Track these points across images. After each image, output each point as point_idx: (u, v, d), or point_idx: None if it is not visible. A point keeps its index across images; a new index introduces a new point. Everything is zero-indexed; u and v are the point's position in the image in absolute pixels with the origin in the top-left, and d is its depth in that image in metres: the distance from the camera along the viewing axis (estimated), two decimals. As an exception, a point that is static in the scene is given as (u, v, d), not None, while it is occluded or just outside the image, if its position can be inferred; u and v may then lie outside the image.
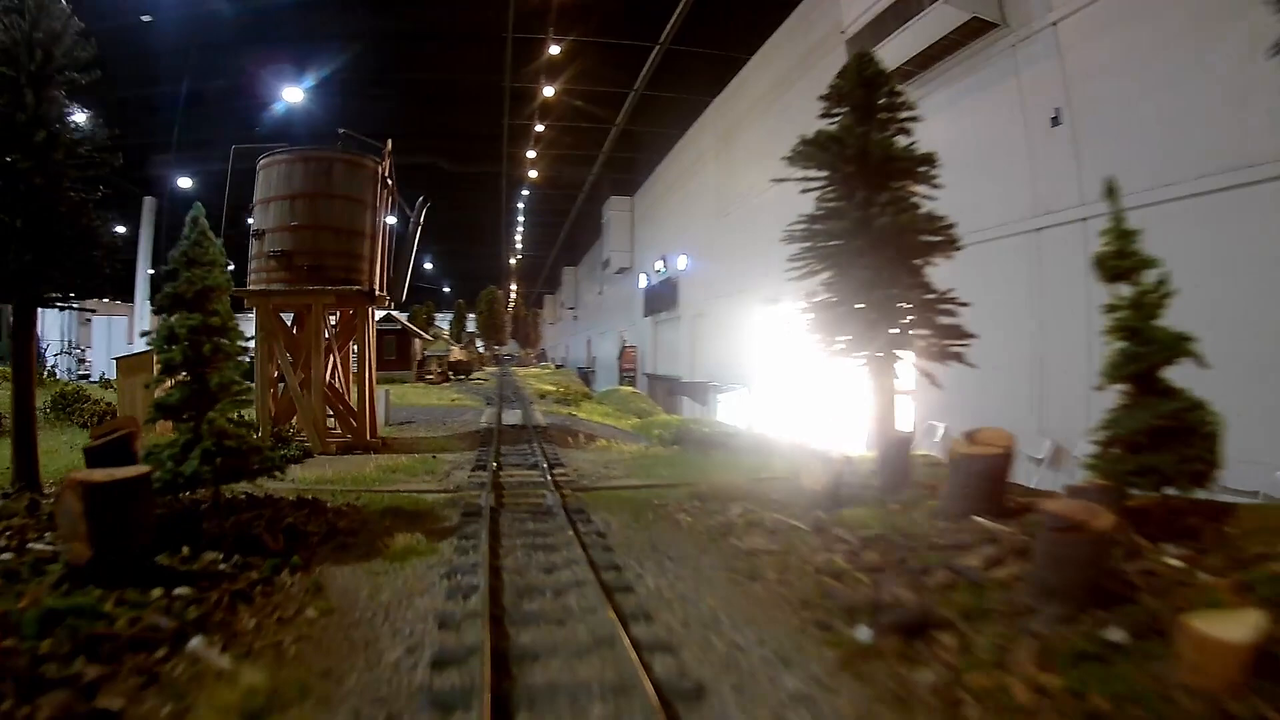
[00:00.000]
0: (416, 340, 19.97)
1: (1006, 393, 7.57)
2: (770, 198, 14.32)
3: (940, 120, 8.78)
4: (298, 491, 5.47)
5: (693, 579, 3.78)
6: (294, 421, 9.46)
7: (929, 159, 5.14)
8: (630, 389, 19.52)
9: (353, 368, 9.99)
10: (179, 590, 3.20)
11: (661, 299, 23.47)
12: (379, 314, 13.43)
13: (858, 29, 9.43)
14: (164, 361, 4.55)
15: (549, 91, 18.61)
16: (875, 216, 4.94)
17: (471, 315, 37.03)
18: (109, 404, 10.68)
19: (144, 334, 5.05)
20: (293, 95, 18.74)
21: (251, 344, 7.88)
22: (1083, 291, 6.61)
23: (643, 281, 26.10)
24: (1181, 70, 5.88)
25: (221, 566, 3.66)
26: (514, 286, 34.60)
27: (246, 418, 5.17)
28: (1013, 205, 7.47)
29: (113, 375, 22.15)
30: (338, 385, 9.48)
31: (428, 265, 50.30)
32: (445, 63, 18.31)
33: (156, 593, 3.14)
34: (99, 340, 24.55)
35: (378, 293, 9.48)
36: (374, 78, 18.86)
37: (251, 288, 8.89)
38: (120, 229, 30.83)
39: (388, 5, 15.15)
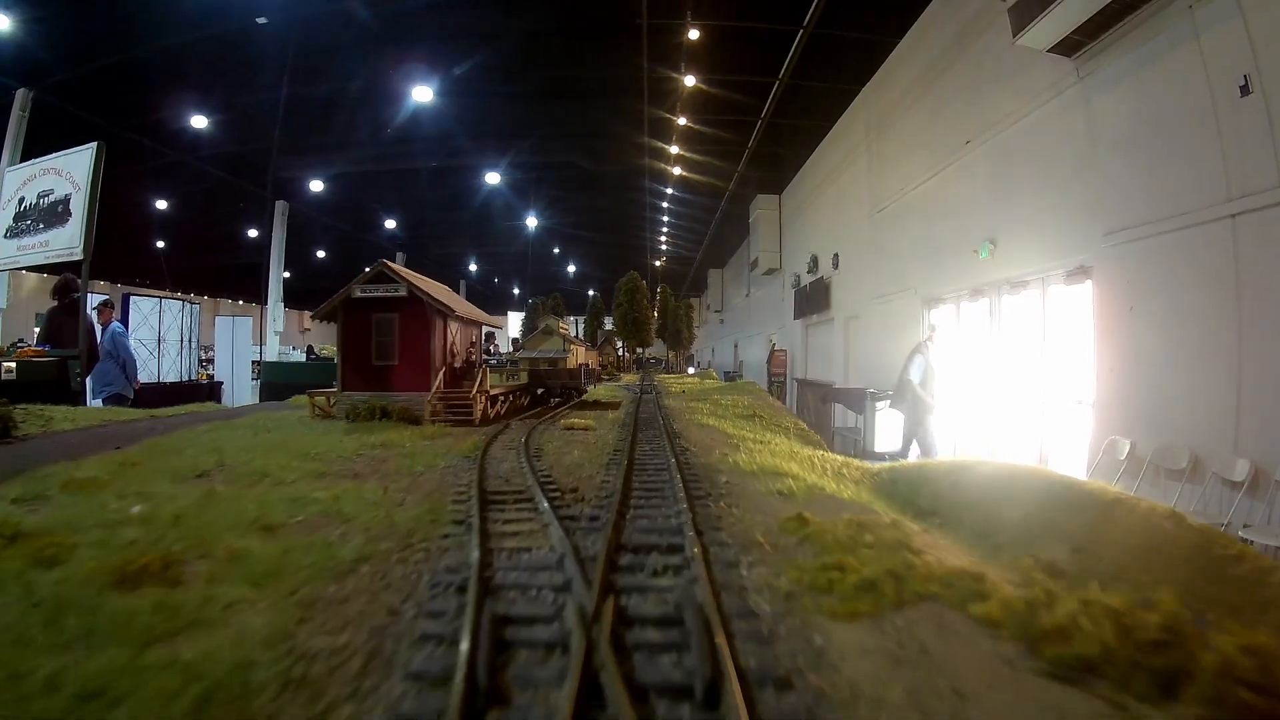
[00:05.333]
0: (451, 325, 7.73)
1: (1197, 405, 6.98)
2: (927, 190, 13.97)
3: (1113, 97, 8.32)
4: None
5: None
6: None
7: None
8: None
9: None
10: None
11: (813, 300, 23.24)
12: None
13: (1020, -4, 9.04)
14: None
15: (690, 81, 18.93)
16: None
17: (609, 319, 33.28)
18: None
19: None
20: (423, 95, 20.43)
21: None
22: (1288, 286, 6.04)
23: (792, 282, 25.97)
24: None
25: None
26: (658, 290, 34.79)
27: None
28: (1201, 189, 6.90)
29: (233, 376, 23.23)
30: None
31: (570, 268, 53.09)
32: (580, 55, 19.03)
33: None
34: (222, 341, 24.81)
35: None
36: (506, 75, 19.85)
37: None
38: (253, 232, 34.83)
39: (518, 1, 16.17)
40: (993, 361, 11.41)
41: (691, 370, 36.66)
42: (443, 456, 4.47)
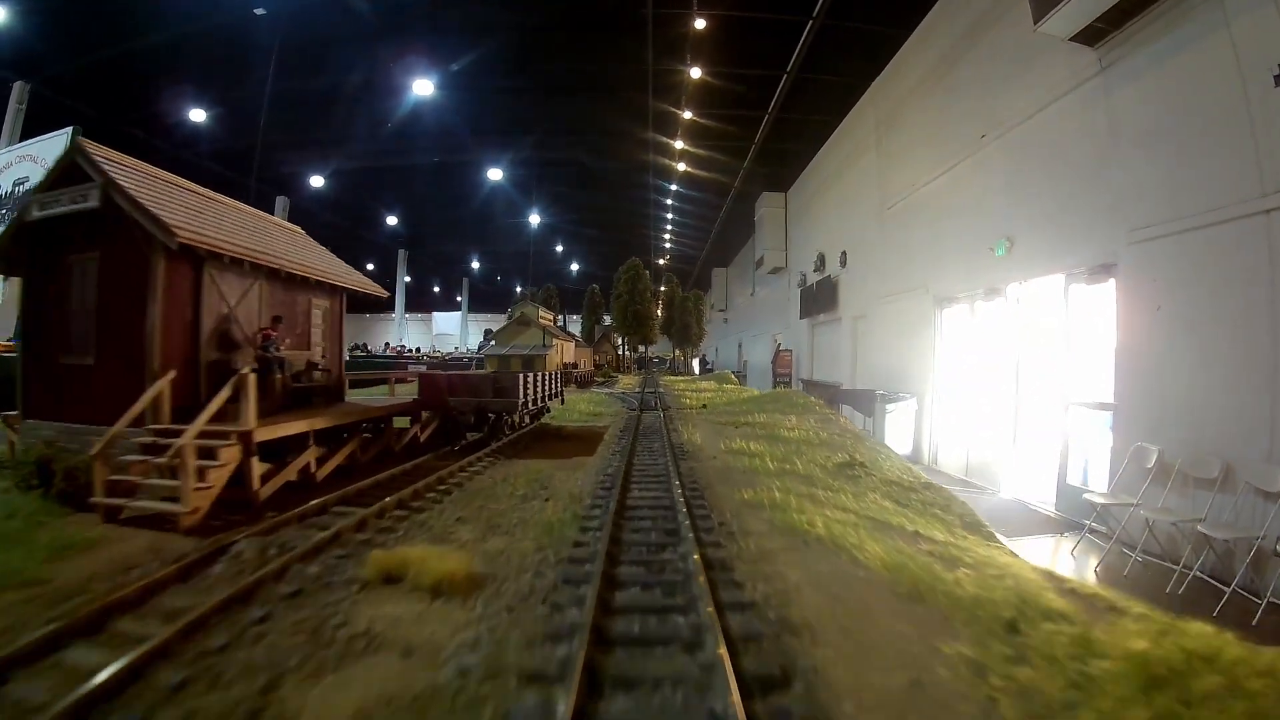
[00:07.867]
0: (222, 280, 5.04)
1: (1229, 410, 6.67)
2: (939, 186, 13.67)
3: (1137, 88, 8.03)
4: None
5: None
6: None
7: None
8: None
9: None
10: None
11: (819, 300, 22.94)
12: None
13: (1040, -16, 8.72)
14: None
15: (695, 74, 18.73)
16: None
17: (609, 318, 31.06)
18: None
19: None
20: (424, 89, 20.17)
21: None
22: (1329, 286, 5.74)
23: (798, 281, 25.67)
24: None
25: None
26: (662, 288, 34.25)
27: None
28: (1232, 184, 6.59)
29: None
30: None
31: (573, 267, 52.85)
32: (584, 48, 18.85)
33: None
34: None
35: None
36: (509, 69, 19.70)
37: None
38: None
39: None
40: (1009, 362, 11.11)
41: (698, 370, 34.46)
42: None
